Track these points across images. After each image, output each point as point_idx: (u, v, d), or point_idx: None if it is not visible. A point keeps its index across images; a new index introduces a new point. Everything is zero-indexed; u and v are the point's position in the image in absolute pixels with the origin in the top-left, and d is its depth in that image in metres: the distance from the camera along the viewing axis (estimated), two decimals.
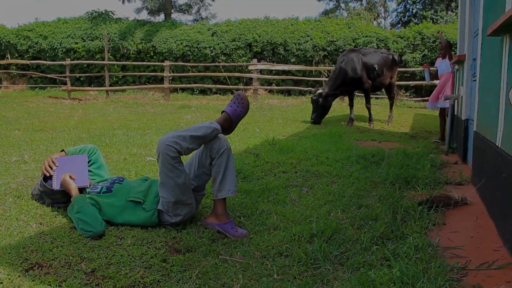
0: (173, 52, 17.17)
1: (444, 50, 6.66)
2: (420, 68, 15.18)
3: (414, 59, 16.05)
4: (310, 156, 4.91)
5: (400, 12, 30.93)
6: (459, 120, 5.37)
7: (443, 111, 6.68)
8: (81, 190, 2.93)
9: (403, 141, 6.46)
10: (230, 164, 2.82)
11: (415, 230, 2.70)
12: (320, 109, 8.11)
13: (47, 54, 17.98)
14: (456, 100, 5.81)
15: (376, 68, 8.19)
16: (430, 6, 27.86)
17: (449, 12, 26.48)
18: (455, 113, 5.84)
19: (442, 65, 6.73)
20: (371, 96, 14.59)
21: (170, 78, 15.24)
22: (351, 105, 8.79)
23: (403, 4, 30.45)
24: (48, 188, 2.96)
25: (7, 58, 18.03)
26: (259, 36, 16.81)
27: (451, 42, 15.29)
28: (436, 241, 2.56)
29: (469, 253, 2.40)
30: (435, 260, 2.27)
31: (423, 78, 15.70)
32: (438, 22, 24.27)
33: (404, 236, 2.63)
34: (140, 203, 2.78)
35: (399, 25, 30.22)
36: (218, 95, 16.49)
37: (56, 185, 2.93)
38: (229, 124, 2.87)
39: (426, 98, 14.71)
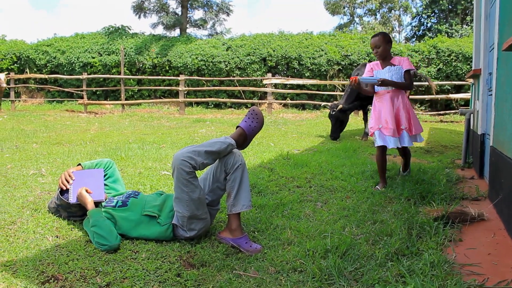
0: (188, 66, 17.32)
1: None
2: (436, 82, 15.07)
3: (429, 73, 15.97)
4: (324, 170, 4.90)
5: (414, 26, 30.88)
6: (475, 135, 5.32)
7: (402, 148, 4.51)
8: (97, 204, 2.97)
9: (418, 155, 6.41)
10: (244, 179, 2.83)
11: (431, 246, 2.67)
12: (339, 124, 8.09)
13: (65, 69, 18.27)
14: (471, 114, 5.76)
15: None
16: (445, 20, 27.79)
17: (464, 26, 26.38)
18: (471, 127, 5.79)
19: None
20: None
21: (185, 92, 15.37)
22: (365, 119, 8.76)
23: (418, 18, 30.41)
24: (64, 202, 3.00)
25: (26, 72, 18.37)
26: (274, 51, 16.89)
27: (467, 55, 15.39)
28: (453, 257, 2.52)
29: (486, 271, 2.37)
30: (452, 277, 2.24)
31: (438, 92, 15.63)
32: (453, 36, 24.20)
33: (419, 252, 2.60)
34: (155, 217, 2.80)
35: (413, 39, 30.17)
36: (232, 109, 16.56)
37: (72, 199, 2.97)
38: (243, 139, 2.89)
39: (441, 112, 14.63)
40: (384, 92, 4.28)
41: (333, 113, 8.04)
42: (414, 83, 9.93)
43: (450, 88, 15.64)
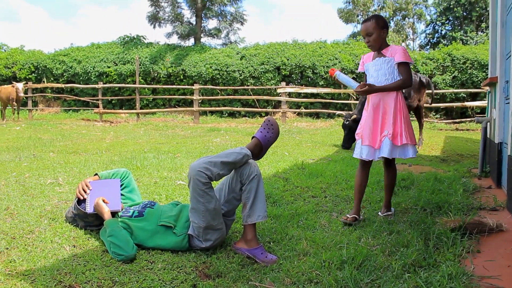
0: (203, 75, 17.43)
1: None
2: (451, 90, 14.96)
3: (444, 81, 15.86)
4: (339, 180, 4.89)
5: (429, 34, 30.78)
6: (492, 144, 5.26)
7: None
8: (114, 213, 2.99)
9: (434, 164, 6.35)
10: (260, 190, 2.83)
11: (448, 258, 2.64)
12: (352, 134, 8.04)
13: (81, 78, 18.52)
14: (488, 123, 5.70)
15: (403, 91, 8.08)
16: (459, 27, 27.64)
17: (479, 33, 26.21)
18: (488, 136, 5.73)
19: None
20: None
21: (200, 101, 15.45)
22: None
23: (432, 25, 30.30)
24: (81, 211, 3.03)
25: (44, 81, 18.66)
26: (288, 60, 16.94)
27: (482, 63, 15.24)
28: (471, 269, 2.49)
29: (506, 283, 2.33)
30: None
31: (453, 100, 15.50)
32: (468, 43, 24.04)
33: (436, 264, 2.58)
34: (171, 228, 2.81)
35: (428, 47, 30.06)
36: (246, 118, 16.61)
37: (89, 209, 3.00)
38: (259, 149, 2.89)
39: (457, 120, 14.48)
40: None
41: (347, 123, 8.02)
42: (429, 91, 9.62)
43: (465, 95, 15.51)
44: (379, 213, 3.67)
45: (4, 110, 14.95)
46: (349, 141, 8.07)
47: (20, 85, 14.09)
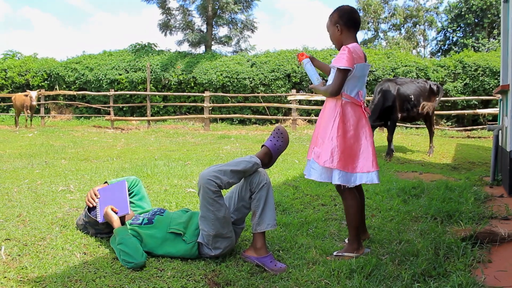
0: (213, 83, 17.49)
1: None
2: (462, 97, 14.84)
3: (455, 88, 15.77)
4: None
5: (440, 41, 30.66)
6: (504, 151, 5.22)
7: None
8: (123, 218, 3.01)
9: (445, 172, 6.32)
10: (269, 198, 2.84)
11: (459, 268, 2.62)
12: None
13: (93, 85, 18.67)
14: (500, 131, 5.66)
15: (412, 99, 8.03)
16: (471, 34, 27.50)
17: (491, 40, 26.05)
18: (500, 144, 5.69)
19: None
20: (410, 126, 14.47)
21: (210, 108, 15.51)
22: (389, 139, 8.64)
23: (443, 32, 30.18)
24: (92, 219, 3.07)
25: (56, 89, 18.87)
26: (298, 67, 16.94)
27: (494, 70, 15.13)
28: (482, 280, 2.47)
29: None
30: None
31: (464, 107, 15.39)
32: (480, 50, 23.90)
33: (447, 273, 2.56)
34: (180, 235, 2.82)
35: (439, 54, 29.92)
36: (257, 125, 16.62)
37: (100, 218, 3.03)
38: (269, 158, 2.91)
39: (468, 128, 14.37)
40: None
41: None
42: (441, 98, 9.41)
43: (477, 103, 15.40)
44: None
45: (17, 117, 15.14)
46: None
47: (34, 94, 14.25)
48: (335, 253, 2.91)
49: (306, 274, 2.61)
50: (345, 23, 2.88)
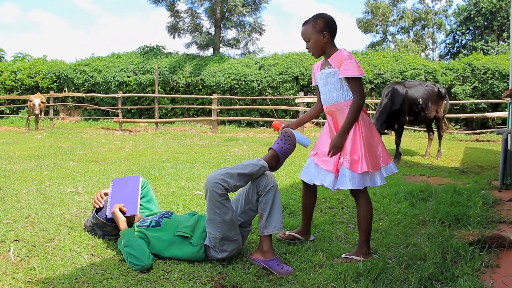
0: (221, 85, 17.53)
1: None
2: (471, 100, 14.77)
3: (464, 91, 15.70)
4: None
5: (448, 43, 30.53)
6: None
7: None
8: (130, 219, 3.03)
9: (453, 176, 6.28)
10: (276, 201, 2.84)
11: (466, 272, 2.61)
12: None
13: (101, 87, 18.79)
14: (509, 134, 5.63)
15: (420, 102, 7.97)
16: (480, 37, 27.36)
17: (501, 43, 25.89)
18: (509, 148, 5.65)
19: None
20: (417, 129, 14.41)
21: (218, 110, 15.54)
22: (397, 142, 8.59)
23: (452, 35, 30.05)
24: (100, 221, 3.08)
25: (65, 91, 19.00)
26: (306, 69, 16.94)
27: (503, 73, 15.03)
28: (489, 284, 2.46)
29: None
30: None
31: (473, 111, 15.32)
32: (489, 53, 23.76)
33: (454, 278, 2.55)
34: (187, 238, 2.83)
35: (447, 57, 29.80)
36: (265, 127, 16.63)
37: (109, 213, 3.04)
38: (276, 161, 2.91)
39: (477, 131, 14.29)
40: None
41: None
42: (449, 101, 9.33)
43: (486, 106, 15.32)
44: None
45: (29, 118, 15.03)
46: None
47: (36, 101, 13.88)
48: (343, 256, 2.92)
49: (312, 277, 2.61)
50: (331, 31, 2.89)
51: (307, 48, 2.96)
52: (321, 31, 2.86)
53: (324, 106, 3.02)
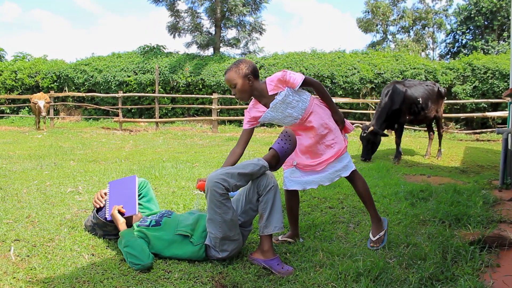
0: (221, 85, 17.53)
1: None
2: (471, 100, 14.76)
3: (464, 91, 15.69)
4: None
5: (449, 43, 30.50)
6: None
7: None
8: (129, 219, 3.03)
9: (453, 176, 6.28)
10: (277, 201, 2.84)
11: (467, 272, 2.61)
12: (370, 146, 7.90)
13: (101, 87, 18.79)
14: (509, 134, 5.63)
15: (420, 101, 7.94)
16: (480, 36, 27.34)
17: (501, 42, 25.88)
18: (509, 147, 5.65)
19: None
20: (418, 129, 14.41)
21: (218, 110, 15.54)
22: (397, 142, 8.58)
23: (452, 35, 30.03)
24: (100, 220, 3.08)
25: (65, 90, 19.01)
26: (306, 69, 16.94)
27: (504, 73, 15.03)
28: (490, 284, 2.46)
29: None
30: None
31: (473, 110, 15.31)
32: (489, 52, 23.76)
33: (454, 277, 2.55)
34: (188, 237, 2.83)
35: (448, 56, 29.78)
36: (265, 127, 16.63)
37: (108, 216, 3.04)
38: (276, 161, 2.91)
39: (477, 131, 14.28)
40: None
41: (364, 134, 7.88)
42: (450, 101, 9.31)
43: (486, 106, 15.31)
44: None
45: (37, 119, 14.87)
46: (368, 153, 7.95)
47: (41, 103, 13.79)
48: (371, 238, 3.15)
49: (313, 277, 2.61)
50: (254, 75, 3.06)
51: (233, 94, 3.05)
52: (246, 76, 3.01)
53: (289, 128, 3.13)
